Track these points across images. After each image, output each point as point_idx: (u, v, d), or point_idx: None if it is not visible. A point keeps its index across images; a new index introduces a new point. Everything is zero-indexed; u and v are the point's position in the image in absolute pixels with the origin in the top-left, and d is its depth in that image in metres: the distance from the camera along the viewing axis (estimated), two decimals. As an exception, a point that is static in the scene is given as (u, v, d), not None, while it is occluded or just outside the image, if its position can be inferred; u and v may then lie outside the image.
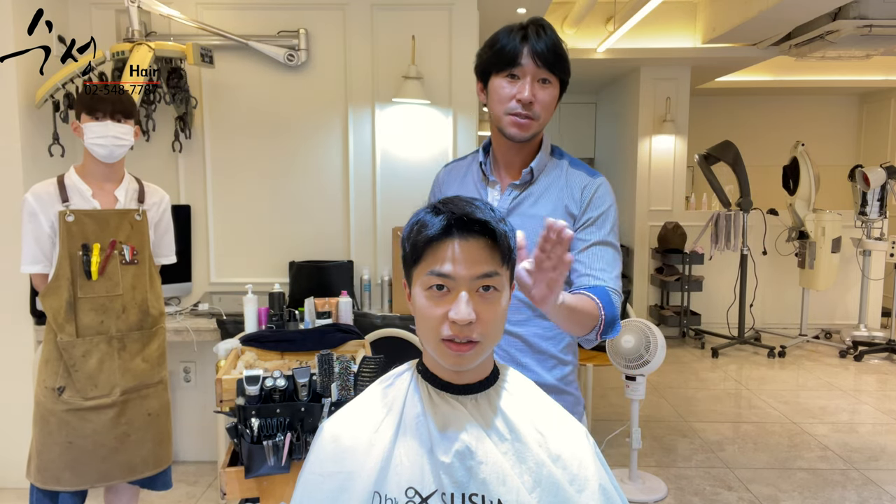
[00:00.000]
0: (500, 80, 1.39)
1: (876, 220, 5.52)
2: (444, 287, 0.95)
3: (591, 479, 1.00)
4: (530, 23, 1.39)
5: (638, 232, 6.15)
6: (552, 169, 1.49)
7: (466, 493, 0.95)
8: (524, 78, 1.36)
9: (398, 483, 0.96)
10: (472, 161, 1.56)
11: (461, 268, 0.95)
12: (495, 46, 1.39)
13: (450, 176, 1.58)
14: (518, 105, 1.37)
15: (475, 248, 0.96)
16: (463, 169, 1.56)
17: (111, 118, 2.04)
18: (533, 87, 1.36)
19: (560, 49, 1.38)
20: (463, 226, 0.96)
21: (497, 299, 0.97)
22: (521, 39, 1.36)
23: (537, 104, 1.37)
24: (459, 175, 1.56)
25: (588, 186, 1.47)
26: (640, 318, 3.04)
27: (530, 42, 1.35)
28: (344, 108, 3.41)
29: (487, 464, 0.96)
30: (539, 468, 0.98)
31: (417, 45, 3.32)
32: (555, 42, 1.37)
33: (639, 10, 4.36)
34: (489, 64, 1.41)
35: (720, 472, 3.32)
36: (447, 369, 1.02)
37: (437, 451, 0.97)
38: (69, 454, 2.08)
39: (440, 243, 0.96)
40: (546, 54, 1.35)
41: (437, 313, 0.95)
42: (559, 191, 1.46)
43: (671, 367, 5.10)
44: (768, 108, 7.50)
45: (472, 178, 1.52)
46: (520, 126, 1.39)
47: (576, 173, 1.49)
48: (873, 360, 5.35)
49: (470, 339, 0.95)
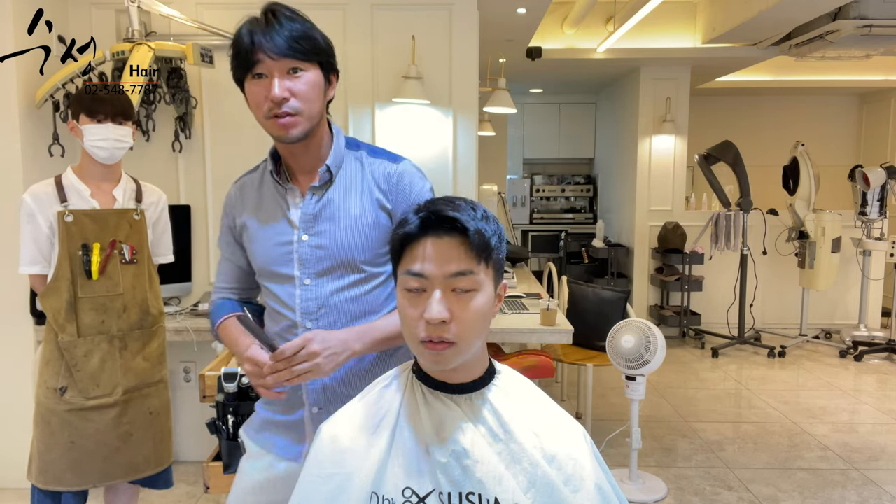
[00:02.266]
0: (250, 84, 1.26)
1: (876, 220, 5.52)
2: (419, 287, 0.95)
3: (586, 479, 0.99)
4: (263, 12, 1.26)
5: (638, 232, 6.14)
6: (351, 162, 1.37)
7: (463, 492, 0.95)
8: (270, 76, 1.23)
9: (395, 483, 0.96)
10: (263, 171, 1.42)
11: (433, 266, 0.94)
12: (232, 50, 1.26)
13: (243, 192, 1.44)
14: (273, 105, 1.23)
15: (448, 246, 0.95)
16: (256, 182, 1.43)
17: (112, 120, 2.04)
18: (282, 82, 1.23)
19: (301, 31, 1.25)
20: (435, 224, 0.95)
21: (472, 298, 0.96)
22: (255, 35, 1.23)
23: (294, 97, 1.24)
24: (253, 189, 1.42)
25: (393, 174, 1.36)
26: (640, 318, 3.04)
27: (263, 36, 1.22)
28: (344, 108, 3.41)
29: (483, 463, 0.96)
30: (533, 469, 0.97)
31: (417, 45, 3.32)
32: (292, 27, 1.24)
33: (639, 10, 4.36)
34: (236, 70, 1.28)
35: (720, 472, 3.32)
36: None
37: (433, 451, 0.97)
38: (71, 454, 2.08)
39: (416, 242, 0.96)
40: (283, 44, 1.22)
41: (415, 314, 0.95)
42: (364, 184, 1.36)
43: (671, 367, 5.10)
44: (768, 108, 7.50)
45: (269, 190, 1.39)
46: (284, 126, 1.25)
47: (377, 162, 1.38)
48: (873, 360, 5.35)
49: (443, 339, 0.94)
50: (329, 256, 1.33)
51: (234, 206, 1.45)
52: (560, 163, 8.27)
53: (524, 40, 4.83)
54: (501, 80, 4.51)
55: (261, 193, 1.40)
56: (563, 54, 5.44)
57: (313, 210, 1.34)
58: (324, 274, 1.33)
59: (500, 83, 4.50)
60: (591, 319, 3.70)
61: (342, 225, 1.34)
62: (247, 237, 1.41)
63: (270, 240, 1.36)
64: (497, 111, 4.79)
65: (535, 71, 5.99)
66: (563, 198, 8.14)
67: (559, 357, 3.68)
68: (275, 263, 1.36)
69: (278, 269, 1.36)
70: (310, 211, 1.34)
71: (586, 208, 8.09)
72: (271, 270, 1.37)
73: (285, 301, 1.35)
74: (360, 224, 1.34)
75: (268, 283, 1.39)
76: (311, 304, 1.33)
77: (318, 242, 1.33)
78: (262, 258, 1.38)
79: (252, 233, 1.39)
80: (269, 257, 1.37)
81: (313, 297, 1.33)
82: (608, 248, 6.26)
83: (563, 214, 8.04)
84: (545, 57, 5.29)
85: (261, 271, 1.40)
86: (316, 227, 1.34)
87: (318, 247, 1.33)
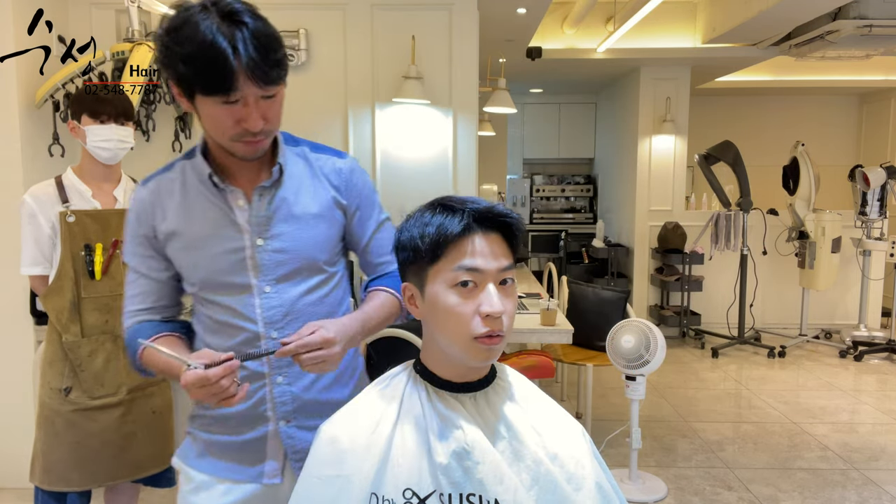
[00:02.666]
0: (213, 105, 1.10)
1: (876, 220, 5.52)
2: (470, 283, 0.96)
3: (587, 477, 1.00)
4: (234, 21, 1.06)
5: (638, 232, 6.14)
6: (294, 158, 1.29)
7: (464, 494, 0.95)
8: (247, 103, 1.09)
9: (396, 484, 0.96)
10: (182, 174, 1.26)
11: (486, 261, 0.96)
12: (196, 61, 1.06)
13: (159, 196, 1.25)
14: (246, 132, 1.12)
15: (495, 241, 0.99)
16: (174, 185, 1.26)
17: (115, 121, 2.05)
18: (258, 109, 1.11)
19: (281, 51, 1.11)
20: (485, 220, 0.98)
21: (513, 292, 1.01)
22: (238, 56, 1.05)
23: (267, 122, 1.13)
24: (173, 193, 1.25)
25: (343, 169, 1.32)
26: (640, 318, 3.04)
27: (250, 60, 1.05)
28: (344, 108, 3.41)
29: (484, 463, 0.96)
30: (537, 466, 0.98)
31: (417, 45, 3.32)
32: (270, 44, 1.08)
33: (639, 10, 4.36)
34: (192, 83, 1.09)
35: (720, 472, 3.32)
36: (450, 367, 1.02)
37: (434, 452, 0.97)
38: (77, 454, 2.09)
39: (463, 239, 0.97)
40: (272, 73, 1.09)
41: (468, 310, 0.96)
42: (315, 181, 1.30)
43: (671, 367, 5.10)
44: (768, 108, 7.50)
45: (197, 194, 1.24)
46: (254, 146, 1.16)
47: (323, 157, 1.32)
48: (873, 360, 5.35)
49: (500, 332, 0.97)
50: (291, 260, 1.25)
51: (150, 212, 1.25)
52: (560, 163, 8.27)
53: (524, 40, 4.83)
54: (501, 80, 4.51)
55: (186, 198, 1.24)
56: (563, 54, 5.44)
57: (266, 212, 1.24)
58: (286, 279, 1.25)
59: (500, 83, 4.50)
60: (591, 319, 3.70)
61: (301, 225, 1.26)
62: (177, 247, 1.25)
63: (215, 248, 1.23)
64: (497, 111, 4.79)
65: (535, 71, 5.99)
66: (563, 198, 8.14)
67: (559, 357, 3.68)
68: (225, 273, 1.23)
69: (230, 279, 1.23)
70: (262, 213, 1.24)
71: (586, 208, 8.09)
72: (221, 281, 1.24)
73: (242, 312, 1.24)
74: (319, 223, 1.28)
75: (214, 295, 1.25)
76: (275, 312, 1.25)
77: (278, 246, 1.24)
78: (207, 269, 1.24)
79: (187, 242, 1.24)
80: (216, 267, 1.23)
81: (277, 305, 1.25)
82: (608, 248, 6.26)
83: (563, 214, 8.04)
84: (545, 57, 5.29)
85: (205, 283, 1.25)
86: (272, 230, 1.24)
87: (277, 251, 1.24)
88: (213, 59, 1.04)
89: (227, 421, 1.28)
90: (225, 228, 1.23)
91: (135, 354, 1.25)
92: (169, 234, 1.24)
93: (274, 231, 1.24)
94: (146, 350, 1.22)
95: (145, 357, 1.24)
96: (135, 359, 1.26)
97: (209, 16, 1.06)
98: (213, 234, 1.23)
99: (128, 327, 1.30)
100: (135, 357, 1.26)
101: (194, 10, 1.07)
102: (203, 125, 1.17)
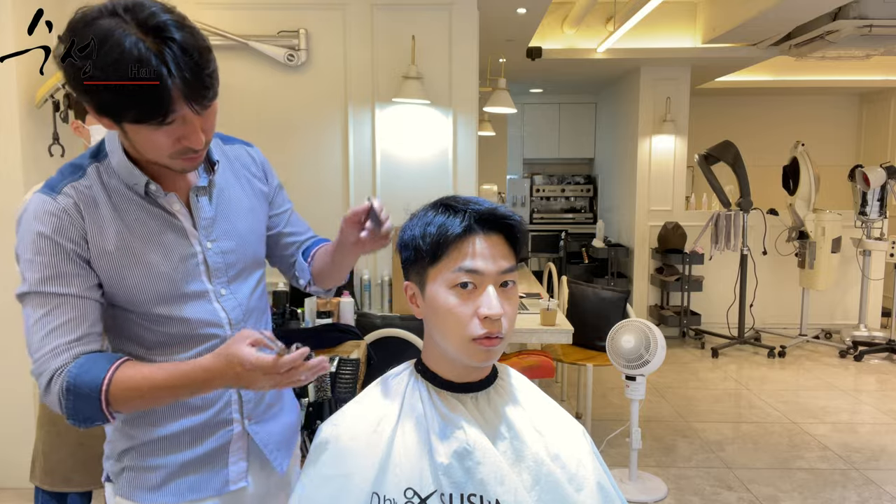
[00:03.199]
0: (148, 131, 0.99)
1: (876, 220, 5.52)
2: (470, 284, 0.96)
3: (589, 477, 1.00)
4: (160, 38, 0.93)
5: (638, 232, 6.14)
6: (217, 153, 1.21)
7: (465, 494, 0.95)
8: (185, 121, 0.99)
9: (397, 484, 0.96)
10: (98, 180, 1.10)
11: (486, 263, 0.96)
12: (125, 90, 0.93)
13: (83, 207, 1.07)
14: (188, 150, 1.03)
15: (497, 242, 0.98)
16: (96, 192, 1.09)
17: None
18: (197, 126, 1.01)
19: (213, 64, 0.99)
20: (486, 222, 0.97)
21: (515, 294, 1.00)
22: (167, 74, 0.93)
23: (205, 135, 1.04)
24: (99, 202, 1.08)
25: (256, 158, 1.30)
26: (640, 318, 3.04)
27: (178, 78, 0.94)
28: (344, 108, 3.41)
29: (485, 464, 0.96)
30: (538, 466, 0.98)
31: (417, 45, 3.32)
32: (202, 62, 0.96)
33: (639, 10, 4.36)
34: (120, 111, 0.97)
35: (720, 472, 3.32)
36: (451, 368, 1.02)
37: (435, 452, 0.97)
38: (79, 455, 2.08)
39: (464, 240, 0.96)
40: (204, 89, 0.98)
41: (467, 311, 0.96)
42: (239, 174, 1.25)
43: (671, 367, 5.10)
44: (768, 108, 7.49)
45: (128, 201, 1.10)
46: (195, 161, 1.08)
47: (236, 147, 1.28)
48: (873, 360, 5.35)
49: (499, 334, 0.96)
50: (238, 259, 1.21)
51: (77, 225, 1.06)
52: (560, 163, 8.27)
53: (524, 40, 4.83)
54: (501, 80, 4.51)
55: (116, 209, 1.09)
56: (563, 54, 5.44)
57: (212, 213, 1.18)
58: (236, 278, 1.21)
59: (500, 83, 4.50)
60: (591, 319, 3.70)
61: (241, 221, 1.22)
62: (118, 266, 1.09)
63: (167, 260, 1.12)
64: (497, 111, 4.79)
65: (535, 71, 5.99)
66: (563, 198, 8.14)
67: (559, 357, 3.68)
68: (181, 284, 1.13)
69: (187, 289, 1.14)
70: (208, 215, 1.17)
71: (586, 208, 8.09)
72: (178, 293, 1.13)
73: (206, 319, 1.16)
74: (254, 217, 1.26)
75: (170, 309, 1.13)
76: (237, 312, 1.20)
77: (224, 247, 1.19)
78: (167, 280, 1.12)
79: (133, 258, 1.10)
80: (176, 277, 1.13)
81: (237, 305, 1.21)
82: (608, 248, 6.26)
83: (563, 214, 8.04)
84: (545, 57, 5.29)
85: (159, 299, 1.12)
86: (216, 231, 1.18)
87: (226, 251, 1.19)
88: (147, 87, 0.92)
89: (181, 437, 1.18)
90: (172, 237, 1.13)
91: (97, 395, 1.01)
92: (105, 252, 1.08)
93: (218, 232, 1.18)
94: (122, 378, 1.02)
95: (119, 391, 1.02)
96: (95, 403, 1.01)
97: (127, 27, 0.92)
98: (161, 245, 1.12)
99: (62, 368, 1.03)
100: (96, 400, 1.01)
101: (106, 22, 0.93)
102: (134, 146, 1.05)
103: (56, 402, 1.03)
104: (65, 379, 1.02)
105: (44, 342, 1.05)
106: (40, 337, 1.06)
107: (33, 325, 1.07)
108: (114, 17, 0.93)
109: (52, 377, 1.03)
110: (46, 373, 1.04)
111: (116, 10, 0.93)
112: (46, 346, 1.05)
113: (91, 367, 1.02)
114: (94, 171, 1.10)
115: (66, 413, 1.03)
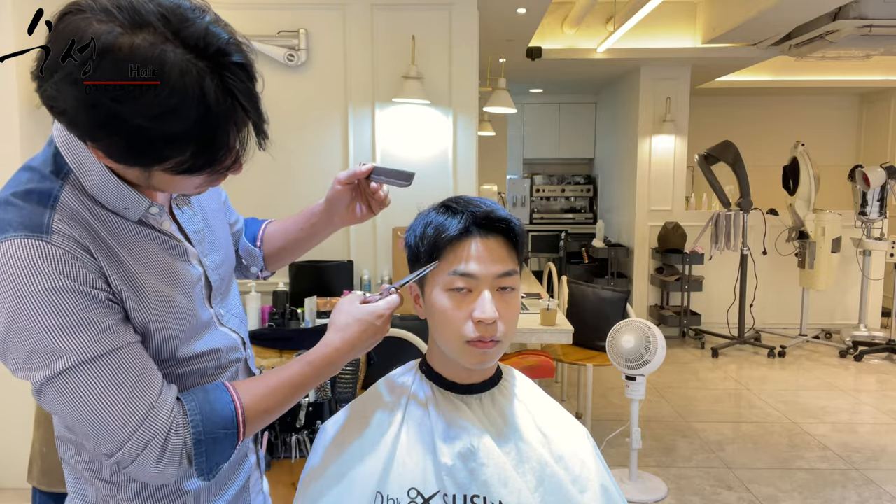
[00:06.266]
0: (183, 178, 0.82)
1: (876, 220, 5.52)
2: (465, 287, 0.95)
3: (592, 479, 1.00)
4: (221, 64, 0.76)
5: (638, 232, 6.14)
6: None
7: (468, 495, 0.95)
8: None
9: (400, 483, 0.96)
10: (81, 205, 0.84)
11: (482, 266, 0.95)
12: (187, 139, 0.74)
13: (93, 237, 0.83)
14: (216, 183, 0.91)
15: (495, 246, 0.96)
16: (86, 216, 0.83)
17: None
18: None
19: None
20: (484, 224, 0.96)
21: (514, 297, 0.98)
22: (235, 120, 0.78)
23: None
24: (97, 229, 0.84)
25: None
26: (640, 318, 3.04)
27: (249, 120, 0.83)
28: (344, 108, 3.41)
29: (489, 465, 0.95)
30: (542, 468, 0.98)
31: (417, 45, 3.32)
32: (258, 96, 0.85)
33: (639, 10, 4.36)
34: (161, 161, 0.76)
35: (720, 472, 3.32)
36: (455, 368, 1.01)
37: (439, 453, 0.97)
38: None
39: (461, 242, 0.95)
40: (265, 123, 0.87)
41: (461, 315, 0.95)
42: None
43: (671, 367, 5.10)
44: (768, 108, 7.49)
45: (117, 220, 0.86)
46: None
47: None
48: (873, 360, 5.35)
49: (493, 338, 0.95)
50: (227, 272, 1.06)
51: (94, 267, 0.82)
52: (560, 163, 8.27)
53: (524, 40, 4.83)
54: (501, 80, 4.51)
55: (112, 230, 0.86)
56: (563, 54, 5.44)
57: (200, 224, 1.00)
58: (226, 293, 1.05)
59: (500, 83, 4.50)
60: (591, 319, 3.70)
61: (219, 228, 1.07)
62: (148, 299, 0.87)
63: (185, 288, 0.93)
64: (497, 111, 4.79)
65: (535, 71, 5.99)
66: (563, 198, 8.14)
67: (559, 357, 3.68)
68: (200, 313, 0.96)
69: (200, 320, 0.95)
70: (198, 227, 1.00)
71: (586, 208, 8.09)
72: (196, 326, 0.94)
73: (225, 346, 0.99)
74: (222, 217, 1.12)
75: (195, 343, 0.94)
76: (243, 327, 1.08)
77: (217, 260, 1.02)
78: (190, 317, 0.93)
79: (161, 296, 0.89)
80: (196, 310, 0.95)
81: (241, 322, 1.08)
82: (608, 248, 6.26)
83: (563, 214, 8.04)
84: (545, 57, 5.29)
85: (189, 336, 0.93)
86: (206, 245, 1.01)
87: (218, 265, 1.02)
88: (217, 140, 0.75)
89: (216, 480, 0.99)
90: (180, 265, 0.93)
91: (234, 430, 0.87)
92: (136, 286, 0.86)
93: (207, 244, 1.01)
94: (247, 396, 0.89)
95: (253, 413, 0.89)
96: (231, 439, 0.87)
97: (176, 51, 0.69)
98: (175, 276, 0.92)
99: (173, 423, 0.84)
100: (233, 436, 0.87)
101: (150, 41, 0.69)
102: (139, 179, 0.83)
103: (175, 464, 0.84)
104: (189, 432, 0.85)
105: (130, 408, 0.82)
106: (123, 403, 0.81)
107: (101, 397, 0.81)
108: (147, 31, 0.68)
109: (167, 439, 0.83)
110: (157, 438, 0.83)
111: (149, 22, 0.69)
112: (138, 410, 0.82)
113: (203, 404, 0.86)
114: (72, 196, 0.83)
115: (196, 471, 0.86)
